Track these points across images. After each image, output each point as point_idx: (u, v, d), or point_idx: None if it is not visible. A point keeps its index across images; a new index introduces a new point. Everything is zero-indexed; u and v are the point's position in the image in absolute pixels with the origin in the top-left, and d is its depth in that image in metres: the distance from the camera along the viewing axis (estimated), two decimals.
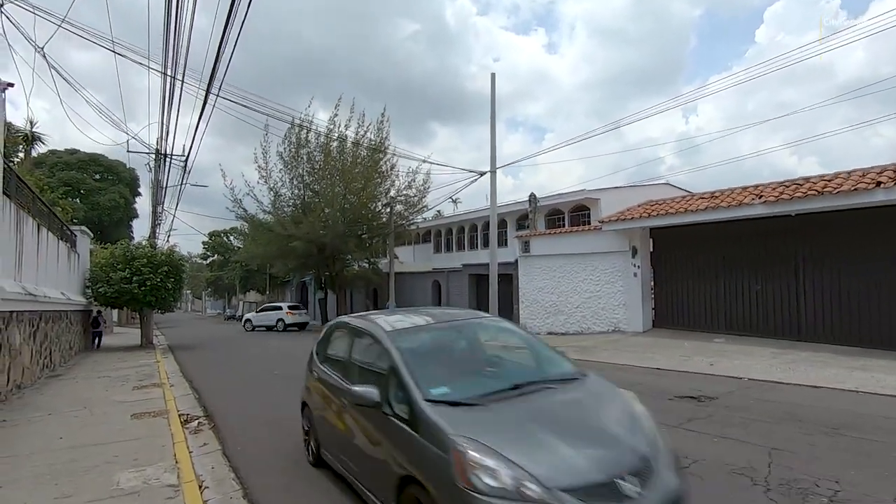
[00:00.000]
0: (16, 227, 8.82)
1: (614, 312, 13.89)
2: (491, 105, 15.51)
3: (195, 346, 19.33)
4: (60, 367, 12.35)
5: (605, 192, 20.73)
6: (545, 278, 16.17)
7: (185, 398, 8.43)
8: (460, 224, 29.00)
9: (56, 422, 6.38)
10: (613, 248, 13.87)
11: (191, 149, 9.56)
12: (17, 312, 8.56)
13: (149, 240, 19.77)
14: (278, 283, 45.04)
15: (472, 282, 20.72)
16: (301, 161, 25.14)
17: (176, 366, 12.93)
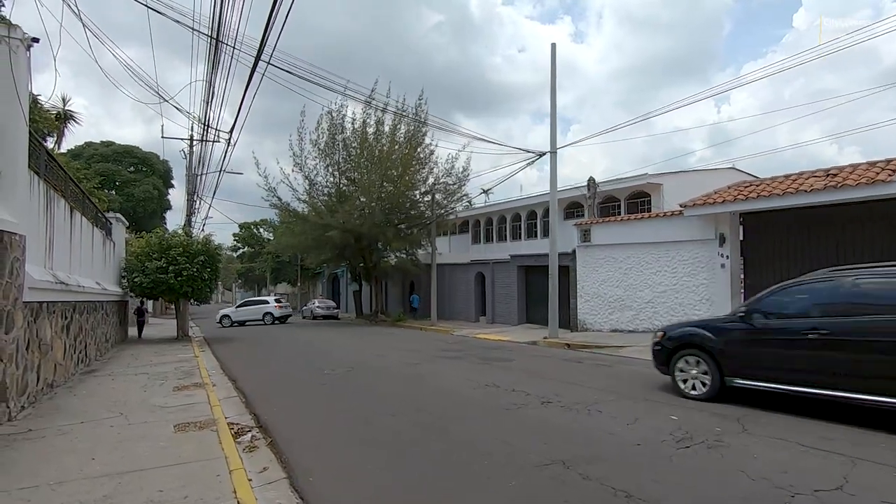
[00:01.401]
0: (45, 208, 7.91)
1: (695, 308, 12.34)
2: (551, 80, 14.06)
3: (231, 338, 18.59)
4: (96, 361, 11.59)
5: (667, 176, 19.05)
6: (609, 270, 14.70)
7: (231, 402, 7.41)
8: (501, 213, 27.62)
9: (88, 433, 5.37)
10: (695, 237, 12.30)
11: (235, 121, 8.76)
12: (49, 303, 7.66)
13: (184, 228, 19.07)
14: (310, 276, 44.57)
15: (521, 274, 19.34)
16: (337, 148, 24.18)
17: (215, 361, 12.06)
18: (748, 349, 6.01)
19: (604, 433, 4.93)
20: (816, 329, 5.38)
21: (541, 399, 6.50)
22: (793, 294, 5.99)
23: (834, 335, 5.25)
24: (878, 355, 4.95)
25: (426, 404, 6.46)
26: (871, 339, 5.01)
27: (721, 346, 6.22)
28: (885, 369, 4.85)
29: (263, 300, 28.23)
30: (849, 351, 5.16)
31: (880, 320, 5.01)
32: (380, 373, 9.38)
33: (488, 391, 7.22)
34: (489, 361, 10.32)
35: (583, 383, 7.58)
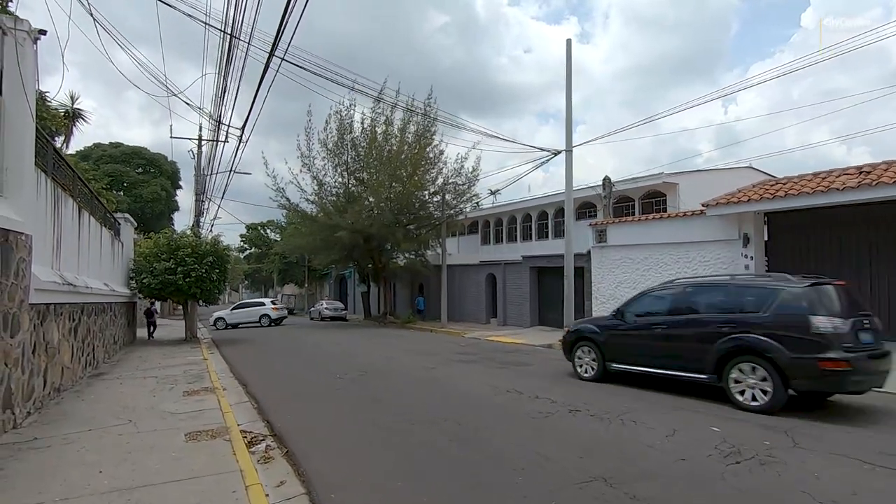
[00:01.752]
0: (53, 207, 7.69)
1: None
2: (567, 78, 13.73)
3: (239, 340, 18.39)
4: (104, 363, 11.39)
5: (683, 175, 18.63)
6: (625, 271, 14.33)
7: (243, 407, 7.15)
8: (511, 214, 27.25)
9: (96, 442, 5.12)
10: (717, 237, 11.92)
11: (248, 116, 8.47)
12: (56, 305, 7.44)
13: (192, 229, 18.90)
14: (317, 277, 44.42)
15: (534, 275, 19.00)
16: (345, 148, 23.95)
17: (224, 364, 11.83)
18: (620, 341, 7.74)
19: (643, 446, 4.61)
20: (660, 325, 7.18)
21: (568, 407, 6.18)
22: (650, 298, 7.73)
23: (669, 329, 7.04)
24: (685, 344, 6.77)
25: (448, 412, 6.16)
26: (687, 331, 6.79)
27: (603, 339, 8.01)
28: (689, 352, 6.67)
29: (260, 302, 27.94)
30: (675, 341, 6.92)
31: (680, 318, 6.94)
32: (395, 377, 9.09)
33: (511, 397, 6.91)
34: (507, 366, 10.01)
35: (603, 389, 7.24)
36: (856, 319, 5.85)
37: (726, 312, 6.45)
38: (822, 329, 5.61)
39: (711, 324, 6.49)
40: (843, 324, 5.68)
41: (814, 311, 5.74)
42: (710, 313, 6.62)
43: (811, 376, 5.62)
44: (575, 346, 8.57)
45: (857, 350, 5.65)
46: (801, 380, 5.71)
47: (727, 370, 6.20)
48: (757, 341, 5.97)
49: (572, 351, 8.63)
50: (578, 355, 8.47)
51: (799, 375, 5.67)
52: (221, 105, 8.46)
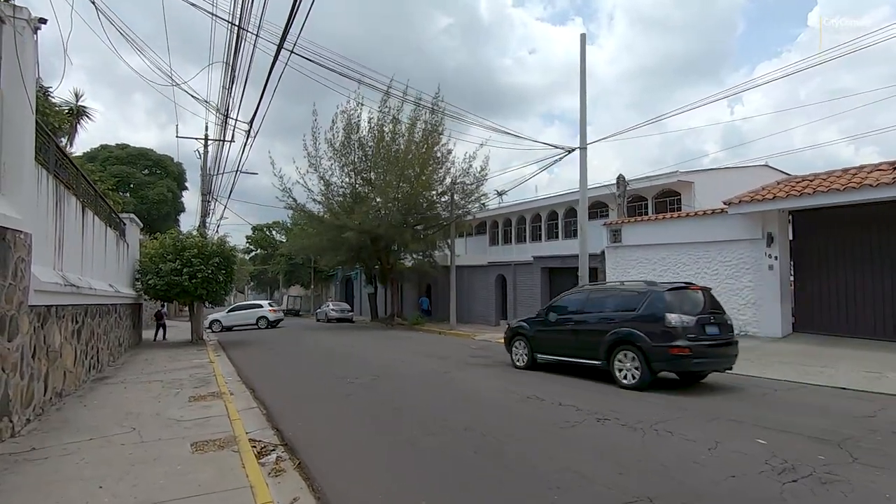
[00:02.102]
0: (55, 205, 7.42)
1: (739, 313, 11.55)
2: (581, 74, 13.37)
3: (245, 342, 18.13)
4: (109, 366, 11.13)
5: (698, 174, 18.22)
6: (641, 272, 13.96)
7: (251, 414, 6.84)
8: (520, 214, 26.88)
9: (97, 453, 4.81)
10: (739, 236, 11.53)
11: (257, 110, 8.18)
12: (58, 307, 7.16)
13: (199, 229, 18.65)
14: (323, 278, 44.20)
15: (545, 276, 18.62)
16: (352, 148, 23.67)
17: (231, 367, 11.55)
18: (544, 336, 9.23)
19: (685, 461, 4.25)
20: (571, 322, 8.70)
21: (595, 415, 5.82)
22: (567, 300, 9.35)
23: (577, 326, 8.57)
24: (586, 337, 8.31)
25: (469, 420, 5.82)
26: (583, 327, 8.42)
27: (532, 334, 9.48)
28: (589, 344, 8.16)
29: (257, 304, 27.62)
30: (580, 335, 8.46)
31: (585, 316, 8.50)
32: (408, 382, 8.76)
33: (533, 404, 6.55)
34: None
35: (637, 397, 6.87)
36: (703, 316, 7.42)
37: (614, 312, 8.09)
38: (672, 323, 7.20)
39: (603, 321, 8.12)
40: (689, 320, 7.25)
41: (669, 310, 7.32)
42: (603, 312, 8.26)
43: (664, 359, 7.18)
44: (512, 341, 10.02)
45: (700, 340, 7.19)
46: (658, 362, 7.23)
47: (612, 357, 7.76)
48: (630, 334, 7.54)
49: (510, 344, 10.06)
50: (515, 348, 9.90)
51: (657, 359, 7.21)
52: (229, 98, 8.15)
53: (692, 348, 7.04)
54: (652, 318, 7.42)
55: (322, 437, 5.55)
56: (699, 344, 7.14)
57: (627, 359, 7.54)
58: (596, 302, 8.56)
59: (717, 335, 7.44)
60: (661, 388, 7.44)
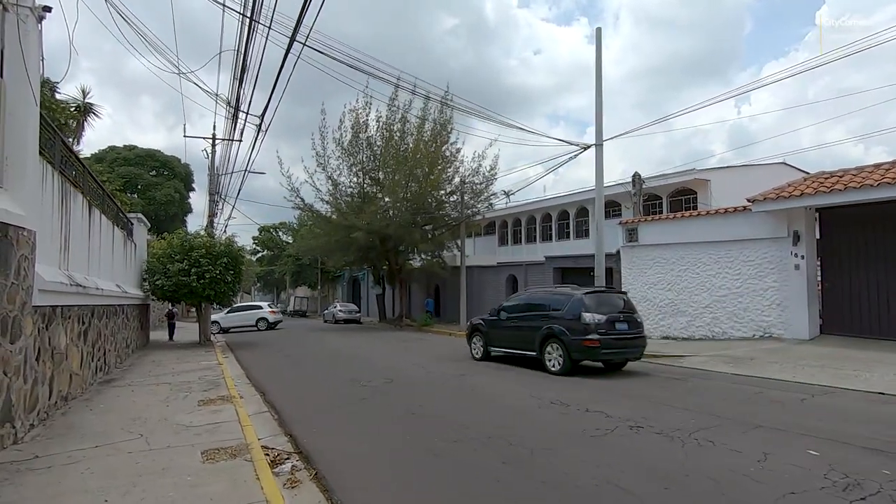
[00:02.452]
0: (60, 203, 7.19)
1: (763, 314, 11.16)
2: (596, 69, 13.04)
3: (253, 343, 17.92)
4: (116, 368, 10.92)
5: (715, 172, 17.81)
6: (659, 272, 13.58)
7: (262, 419, 6.57)
8: (530, 214, 26.53)
9: (102, 462, 4.54)
10: (763, 234, 11.14)
11: (269, 102, 7.87)
12: (63, 307, 6.93)
13: (206, 229, 18.47)
14: (329, 279, 44.03)
15: (558, 276, 18.28)
16: (360, 147, 23.44)
17: (240, 369, 11.31)
18: (496, 331, 10.80)
19: (736, 475, 3.91)
20: (516, 320, 10.28)
21: (628, 423, 5.49)
22: (515, 300, 11.03)
23: (520, 323, 10.10)
24: (525, 332, 9.81)
25: (493, 427, 5.51)
26: (524, 324, 9.93)
27: (486, 330, 11.08)
28: (527, 338, 9.69)
29: (257, 305, 27.38)
30: (522, 329, 9.95)
31: (524, 315, 10.10)
32: (424, 385, 8.46)
33: (558, 410, 6.23)
34: (543, 374, 9.31)
35: (667, 402, 6.53)
36: (614, 315, 9.02)
37: (546, 311, 9.63)
38: (586, 321, 8.77)
39: (538, 319, 9.65)
40: (600, 318, 8.79)
41: (585, 310, 8.90)
42: (539, 312, 9.80)
43: (580, 350, 8.77)
44: (471, 336, 11.64)
45: (609, 335, 8.78)
46: (576, 353, 8.82)
47: (544, 348, 9.34)
48: (557, 330, 9.12)
49: (470, 339, 11.71)
50: (473, 342, 11.51)
51: (575, 350, 8.80)
52: (240, 89, 7.86)
53: (601, 341, 8.69)
54: (572, 317, 9.04)
55: (338, 444, 5.26)
56: (608, 338, 8.78)
57: (554, 350, 9.20)
58: (535, 303, 10.19)
59: (625, 330, 9.09)
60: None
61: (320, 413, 6.76)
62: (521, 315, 10.20)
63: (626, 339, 9.01)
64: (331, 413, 6.72)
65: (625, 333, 9.01)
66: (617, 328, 8.95)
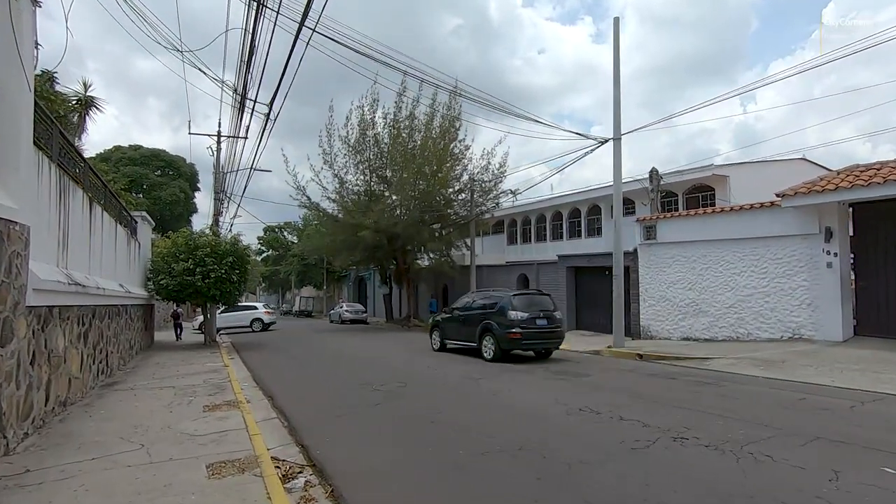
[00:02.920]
0: (59, 197, 6.82)
1: (792, 314, 10.67)
2: (614, 60, 12.57)
3: (260, 344, 17.56)
4: (119, 370, 10.57)
5: (734, 167, 17.28)
6: (679, 271, 13.10)
7: (271, 426, 6.18)
8: (540, 212, 26.04)
9: (99, 478, 4.15)
10: (792, 231, 10.65)
11: (278, 87, 7.42)
12: (62, 308, 6.55)
13: (212, 227, 18.13)
14: (335, 278, 43.71)
15: (571, 276, 17.80)
16: (367, 145, 23.05)
17: (246, 371, 10.93)
18: (450, 326, 12.72)
19: (807, 496, 3.46)
20: (463, 317, 12.19)
21: (669, 433, 5.05)
22: (463, 302, 12.86)
23: (466, 319, 12.01)
24: (470, 327, 11.69)
25: (521, 437, 5.08)
26: (468, 320, 11.84)
27: (443, 326, 13.03)
28: (471, 332, 11.57)
29: (252, 306, 26.86)
30: (467, 325, 11.85)
31: (469, 313, 12.05)
32: (438, 389, 8.04)
33: (588, 418, 5.79)
34: (563, 376, 8.88)
35: (706, 410, 6.07)
36: (535, 313, 10.86)
37: (485, 310, 11.59)
38: (511, 317, 10.70)
39: (478, 316, 11.62)
40: (523, 315, 10.72)
41: (511, 309, 10.83)
42: (479, 311, 11.78)
43: (507, 341, 10.64)
44: (432, 331, 13.75)
45: (529, 329, 10.65)
46: (504, 343, 10.70)
47: (481, 340, 11.28)
48: (490, 324, 11.08)
49: (431, 334, 13.84)
50: (433, 336, 13.58)
51: (503, 341, 10.68)
52: (247, 75, 7.42)
53: (523, 334, 10.65)
54: (501, 314, 10.95)
55: (354, 455, 4.85)
56: (529, 331, 10.70)
57: (488, 341, 11.11)
58: (477, 304, 12.20)
59: (545, 325, 10.96)
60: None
61: (332, 419, 6.34)
62: (467, 314, 12.25)
63: (544, 333, 10.93)
64: (343, 419, 6.31)
65: (544, 328, 10.92)
66: (537, 324, 10.86)
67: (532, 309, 10.90)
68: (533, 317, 10.76)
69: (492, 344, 10.90)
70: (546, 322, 10.90)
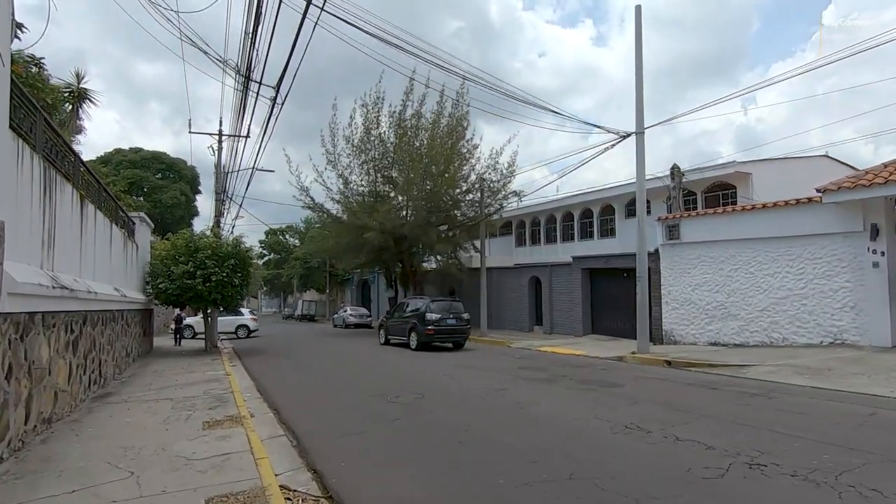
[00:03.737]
0: (43, 191, 6.18)
1: (834, 318, 9.98)
2: (636, 50, 11.95)
3: (263, 350, 16.89)
4: (114, 380, 9.91)
5: (758, 164, 16.60)
6: (705, 272, 12.42)
7: (278, 445, 5.51)
8: (550, 213, 25.37)
9: None
10: (833, 229, 9.97)
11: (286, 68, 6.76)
12: (45, 314, 5.90)
13: (213, 229, 17.48)
14: (338, 282, 43.05)
15: (586, 278, 17.11)
16: (372, 144, 22.40)
17: (249, 380, 10.26)
18: (391, 326, 16.36)
19: None
20: (400, 317, 15.97)
21: (740, 458, 4.36)
22: (402, 305, 16.72)
23: (401, 319, 15.86)
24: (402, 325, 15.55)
25: (569, 462, 4.41)
26: (404, 321, 15.55)
27: (387, 326, 16.79)
28: (403, 330, 15.43)
29: (238, 312, 26.10)
30: (401, 324, 15.65)
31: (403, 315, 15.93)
32: (461, 402, 7.36)
33: (640, 438, 5.11)
34: (591, 386, 8.19)
35: (770, 427, 5.38)
36: (445, 314, 14.46)
37: (412, 313, 15.10)
38: (428, 318, 14.19)
39: (408, 318, 15.16)
40: (436, 316, 14.25)
41: (428, 311, 14.37)
42: (409, 314, 15.30)
43: (424, 336, 14.13)
44: (380, 329, 17.44)
45: (441, 326, 14.24)
46: (422, 338, 14.21)
47: (409, 335, 14.80)
48: (414, 323, 14.64)
49: (379, 331, 17.59)
50: (380, 333, 17.14)
51: (421, 336, 14.25)
52: (252, 51, 6.72)
53: (436, 330, 14.22)
54: (421, 315, 14.52)
55: (376, 483, 4.18)
56: (440, 328, 14.31)
57: (412, 337, 14.76)
58: (409, 308, 15.76)
59: (454, 324, 14.62)
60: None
61: (347, 438, 5.66)
62: (402, 316, 15.98)
63: (453, 329, 14.70)
64: (360, 438, 5.63)
65: (453, 326, 14.66)
66: (448, 323, 14.56)
67: (444, 312, 14.64)
68: (444, 318, 14.53)
69: (415, 338, 14.66)
70: (455, 321, 14.71)
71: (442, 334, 14.30)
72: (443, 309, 14.53)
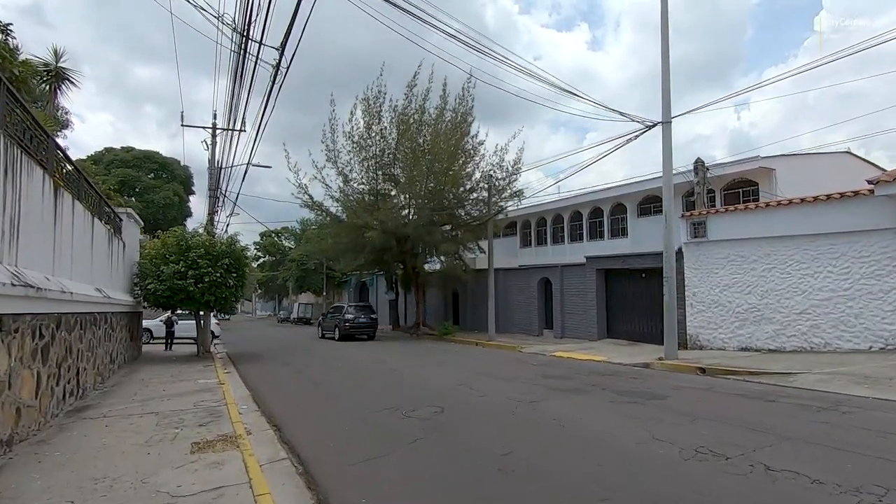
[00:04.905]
0: (4, 172, 5.25)
1: (885, 321, 9.19)
2: (662, 34, 11.19)
3: (258, 355, 15.94)
4: (95, 390, 8.96)
5: (782, 160, 15.86)
6: (734, 272, 11.62)
7: (281, 473, 4.62)
8: (557, 212, 24.56)
9: None
10: (884, 224, 9.21)
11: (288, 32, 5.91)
12: (3, 316, 4.97)
13: (206, 227, 16.52)
14: (335, 284, 42.04)
15: (601, 279, 16.27)
16: (374, 140, 21.52)
17: (245, 390, 9.34)
18: (325, 323, 23.17)
19: None
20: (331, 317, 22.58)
21: (857, 497, 3.51)
22: (334, 308, 24.00)
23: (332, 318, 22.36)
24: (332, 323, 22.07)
25: (647, 498, 3.53)
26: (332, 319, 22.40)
27: (323, 324, 23.59)
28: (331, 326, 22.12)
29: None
30: (333, 321, 22.07)
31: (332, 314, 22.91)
32: (488, 416, 6.46)
33: (720, 468, 4.24)
34: (632, 398, 7.32)
35: (878, 454, 4.53)
36: (359, 314, 21.02)
37: (336, 313, 21.97)
38: (345, 316, 20.81)
39: (335, 316, 21.73)
40: (353, 316, 20.81)
41: (347, 312, 21.03)
42: (335, 313, 22.12)
43: (344, 330, 20.53)
44: (318, 326, 23.82)
45: (355, 322, 20.68)
46: (342, 332, 20.54)
47: (335, 330, 21.34)
48: (339, 320, 21.07)
49: (317, 327, 24.29)
50: (318, 329, 23.75)
51: (341, 330, 20.61)
52: (247, 15, 5.80)
53: (350, 325, 20.35)
54: (342, 315, 20.71)
55: None
56: (354, 324, 20.43)
57: (335, 330, 20.98)
58: (337, 308, 22.03)
59: (365, 321, 20.72)
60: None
61: (362, 464, 4.76)
62: (332, 315, 22.01)
63: (363, 325, 20.61)
64: (377, 464, 4.73)
65: (364, 322, 20.64)
66: (360, 320, 20.53)
67: (358, 312, 20.89)
68: (357, 316, 20.60)
69: (338, 331, 20.60)
70: (366, 319, 20.75)
71: (356, 328, 20.37)
72: (357, 310, 21.11)
